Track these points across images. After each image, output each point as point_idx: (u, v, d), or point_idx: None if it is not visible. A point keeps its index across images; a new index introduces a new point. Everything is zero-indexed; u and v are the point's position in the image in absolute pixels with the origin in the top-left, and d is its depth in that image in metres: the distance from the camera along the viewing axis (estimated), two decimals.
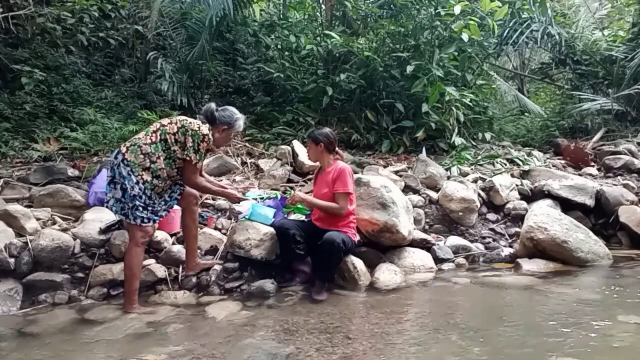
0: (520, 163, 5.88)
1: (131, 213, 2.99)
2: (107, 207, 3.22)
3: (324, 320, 2.85)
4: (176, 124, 3.10)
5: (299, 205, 4.01)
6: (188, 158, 3.06)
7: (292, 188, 4.82)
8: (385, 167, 5.66)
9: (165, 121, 3.16)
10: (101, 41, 6.56)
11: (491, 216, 4.79)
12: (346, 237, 3.40)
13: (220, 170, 5.15)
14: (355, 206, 3.67)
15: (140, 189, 2.99)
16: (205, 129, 3.11)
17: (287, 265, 3.65)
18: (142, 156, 3.01)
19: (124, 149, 3.03)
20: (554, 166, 6.03)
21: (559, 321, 2.75)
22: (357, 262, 3.64)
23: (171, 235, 3.70)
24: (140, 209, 3.00)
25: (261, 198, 3.92)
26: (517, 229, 4.56)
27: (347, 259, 3.60)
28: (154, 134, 3.07)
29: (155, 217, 3.12)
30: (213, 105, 3.26)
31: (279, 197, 4.16)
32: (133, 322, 2.83)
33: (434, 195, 4.79)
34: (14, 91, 5.59)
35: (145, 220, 3.03)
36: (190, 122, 3.11)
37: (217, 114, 3.23)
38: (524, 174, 5.55)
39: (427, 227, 4.56)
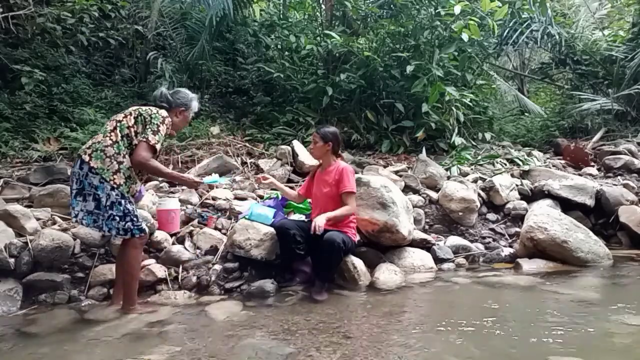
0: (520, 163, 5.88)
1: (105, 224, 2.85)
2: (75, 221, 2.97)
3: (324, 320, 2.84)
4: (131, 114, 2.97)
5: (300, 205, 4.02)
6: (144, 139, 2.86)
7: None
8: (385, 167, 5.66)
9: (120, 116, 2.98)
10: (101, 41, 6.57)
11: (491, 216, 4.80)
12: (346, 237, 3.40)
13: (220, 170, 5.15)
14: (355, 206, 3.67)
15: (117, 194, 2.83)
16: (163, 112, 3.02)
17: (287, 265, 3.65)
18: (107, 160, 2.83)
19: (87, 158, 2.83)
20: (554, 166, 6.04)
21: (559, 321, 2.75)
22: (357, 262, 3.64)
23: (171, 235, 3.70)
24: (117, 219, 2.85)
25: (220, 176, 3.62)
26: (517, 229, 4.57)
27: (347, 259, 3.60)
28: (112, 133, 2.89)
29: (137, 232, 2.93)
30: (164, 89, 3.17)
31: (279, 197, 4.16)
32: (133, 322, 2.82)
33: (434, 195, 4.80)
34: (14, 91, 5.60)
35: (122, 232, 2.89)
36: (146, 109, 2.99)
37: (172, 98, 3.15)
38: (524, 174, 5.55)
39: (427, 227, 4.57)
